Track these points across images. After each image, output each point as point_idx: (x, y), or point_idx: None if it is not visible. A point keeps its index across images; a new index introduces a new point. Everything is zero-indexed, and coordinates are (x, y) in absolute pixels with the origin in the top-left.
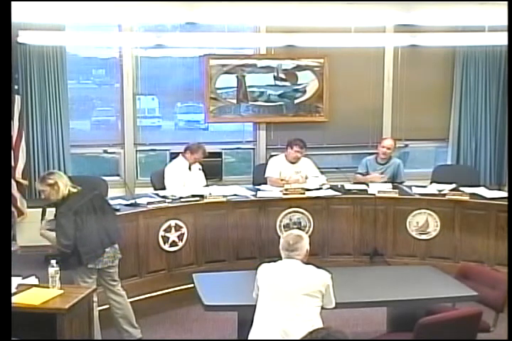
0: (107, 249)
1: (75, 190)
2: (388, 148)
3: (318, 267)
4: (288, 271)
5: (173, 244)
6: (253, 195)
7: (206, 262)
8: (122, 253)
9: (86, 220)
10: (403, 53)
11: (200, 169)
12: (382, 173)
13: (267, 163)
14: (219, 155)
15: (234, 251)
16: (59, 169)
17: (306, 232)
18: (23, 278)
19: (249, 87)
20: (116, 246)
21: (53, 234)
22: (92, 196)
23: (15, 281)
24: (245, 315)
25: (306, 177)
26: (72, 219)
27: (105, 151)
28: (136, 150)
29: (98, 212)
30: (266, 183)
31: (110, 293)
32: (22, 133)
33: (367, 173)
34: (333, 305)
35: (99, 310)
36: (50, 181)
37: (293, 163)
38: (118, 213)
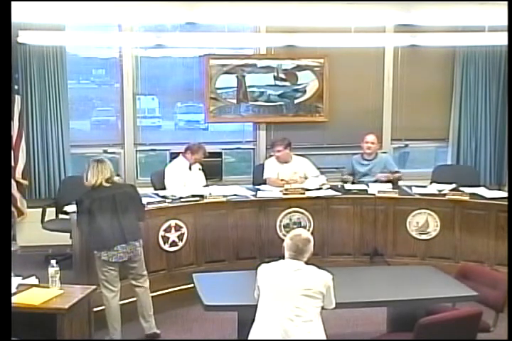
0: (123, 245)
1: (106, 185)
2: (372, 143)
3: (319, 268)
4: (289, 271)
5: (173, 244)
6: (253, 195)
7: (206, 262)
8: None
9: (100, 213)
10: (403, 53)
11: (200, 169)
12: (370, 169)
13: (263, 165)
14: (219, 155)
15: (234, 251)
16: (59, 169)
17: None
18: (24, 279)
19: (249, 87)
20: (137, 243)
21: None
22: (117, 192)
23: (15, 281)
24: (245, 315)
25: (306, 178)
26: (87, 207)
27: (105, 151)
28: (136, 150)
29: (118, 208)
30: (266, 183)
31: (133, 286)
32: (22, 133)
33: (353, 173)
34: (333, 305)
35: (98, 310)
36: (86, 167)
37: (284, 162)
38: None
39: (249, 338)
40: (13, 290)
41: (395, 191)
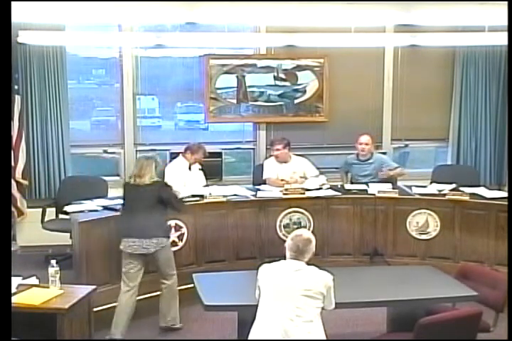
0: (131, 239)
1: (133, 182)
2: (366, 144)
3: (319, 268)
4: (290, 271)
5: (173, 244)
6: (253, 195)
7: (206, 262)
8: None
9: (123, 206)
10: (403, 53)
11: (200, 169)
12: (367, 170)
13: (262, 165)
14: (219, 155)
15: (234, 251)
16: (59, 169)
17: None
18: (24, 279)
19: (249, 87)
20: (155, 240)
21: None
22: (139, 190)
23: (15, 281)
24: (245, 315)
25: (305, 177)
26: (121, 199)
27: (105, 151)
28: (136, 150)
29: (133, 205)
30: (266, 183)
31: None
32: (22, 133)
33: (348, 172)
34: (333, 306)
35: (98, 310)
36: None
37: (283, 162)
38: (118, 213)
39: (249, 338)
40: (13, 290)
41: (395, 191)
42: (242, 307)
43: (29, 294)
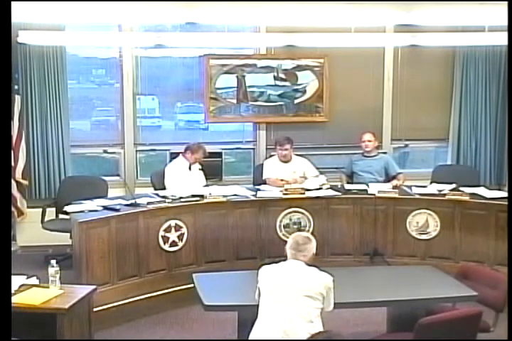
0: None
1: None
2: (369, 141)
3: (320, 268)
4: (290, 272)
5: (173, 244)
6: (253, 195)
7: (206, 262)
8: (122, 253)
9: None
10: (403, 53)
11: (200, 169)
12: (370, 165)
13: (261, 166)
14: (219, 155)
15: (234, 251)
16: (59, 169)
17: (307, 232)
18: (27, 278)
19: (249, 87)
20: None
21: None
22: None
23: (19, 280)
24: (245, 315)
25: (306, 178)
26: None
27: (105, 151)
28: (136, 150)
29: None
30: (266, 183)
31: None
32: (22, 133)
33: (352, 173)
34: (331, 307)
35: (98, 310)
36: None
37: (285, 162)
38: (118, 213)
39: (249, 338)
40: (13, 290)
41: (395, 191)
42: (242, 307)
43: (29, 294)
